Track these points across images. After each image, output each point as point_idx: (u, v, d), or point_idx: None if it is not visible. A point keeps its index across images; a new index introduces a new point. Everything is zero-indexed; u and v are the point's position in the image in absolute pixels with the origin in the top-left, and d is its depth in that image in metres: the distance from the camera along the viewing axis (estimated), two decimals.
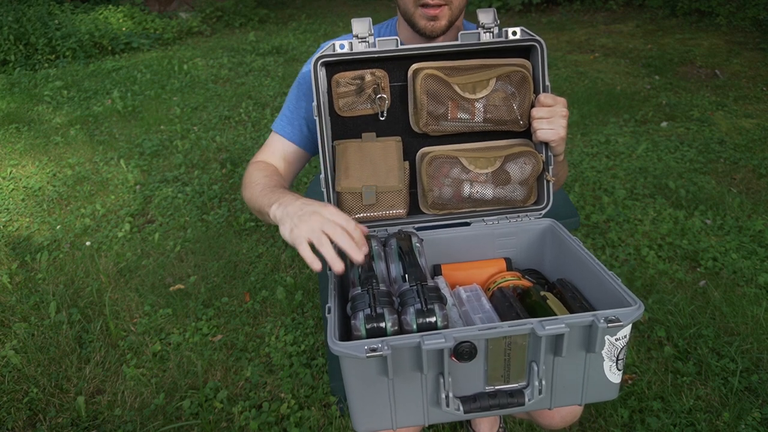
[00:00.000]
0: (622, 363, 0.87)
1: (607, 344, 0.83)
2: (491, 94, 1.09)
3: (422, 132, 1.15)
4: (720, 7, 6.50)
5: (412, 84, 1.10)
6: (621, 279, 2.38)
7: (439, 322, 0.83)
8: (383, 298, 0.86)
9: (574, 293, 1.02)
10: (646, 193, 3.12)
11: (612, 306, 0.91)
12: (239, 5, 8.67)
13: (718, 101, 4.35)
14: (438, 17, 1.15)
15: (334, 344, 0.79)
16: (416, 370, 0.81)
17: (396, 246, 1.06)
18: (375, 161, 1.14)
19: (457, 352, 0.79)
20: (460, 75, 1.09)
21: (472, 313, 1.01)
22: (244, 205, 3.19)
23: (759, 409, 1.79)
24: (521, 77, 1.09)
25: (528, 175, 1.15)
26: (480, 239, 1.20)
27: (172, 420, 1.88)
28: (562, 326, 0.78)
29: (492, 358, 0.83)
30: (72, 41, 6.47)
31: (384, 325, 0.83)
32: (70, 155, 3.97)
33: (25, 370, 2.10)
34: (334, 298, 0.93)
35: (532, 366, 0.84)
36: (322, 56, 1.06)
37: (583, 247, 1.06)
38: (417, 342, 0.77)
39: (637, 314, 0.82)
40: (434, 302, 0.84)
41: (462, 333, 0.79)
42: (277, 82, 5.44)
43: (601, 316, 0.80)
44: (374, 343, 0.77)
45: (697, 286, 2.37)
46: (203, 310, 2.38)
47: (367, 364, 0.80)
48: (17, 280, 2.64)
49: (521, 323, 0.80)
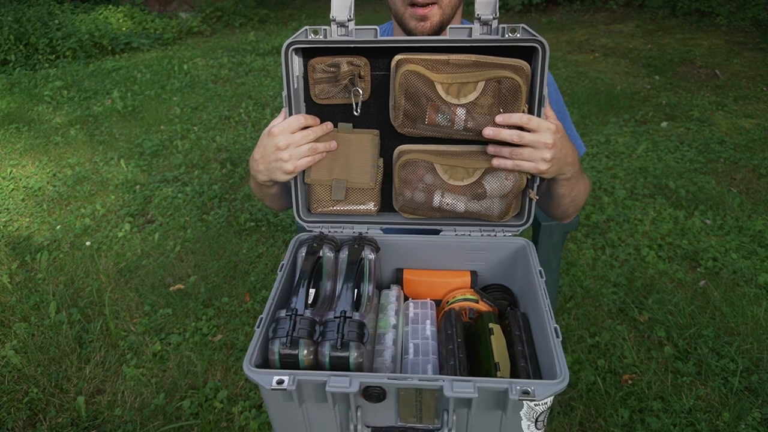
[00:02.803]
0: (543, 423, 0.82)
1: (525, 407, 0.79)
2: (477, 99, 0.96)
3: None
4: (720, 7, 6.50)
5: (393, 77, 0.99)
6: (621, 278, 2.39)
7: (352, 359, 0.83)
8: (303, 328, 0.86)
9: (521, 332, 0.96)
10: (646, 193, 3.12)
11: (547, 362, 0.86)
12: (239, 5, 8.68)
13: (718, 101, 4.35)
14: (427, 17, 1.11)
15: (249, 369, 0.80)
16: (324, 402, 0.82)
17: (346, 258, 1.03)
18: (348, 155, 1.08)
19: (366, 394, 0.79)
20: (447, 72, 0.96)
21: (411, 338, 0.99)
22: (245, 205, 3.19)
23: (759, 409, 1.79)
24: (513, 86, 0.95)
25: (507, 191, 1.04)
26: (448, 249, 1.13)
27: (172, 420, 1.88)
28: (470, 391, 0.75)
29: (403, 401, 0.82)
30: (72, 41, 6.47)
31: (297, 356, 0.84)
32: (70, 155, 3.97)
33: (25, 370, 2.10)
34: (270, 308, 0.92)
35: (444, 414, 0.82)
36: (293, 42, 0.96)
37: (543, 283, 0.98)
38: (323, 381, 0.77)
39: (557, 388, 0.76)
40: (351, 339, 0.85)
41: (370, 379, 0.78)
42: (277, 82, 5.44)
43: (516, 386, 0.76)
44: (283, 375, 0.78)
45: (697, 286, 2.37)
46: (203, 310, 2.38)
47: (277, 393, 0.81)
48: (17, 280, 2.64)
49: (432, 378, 0.78)
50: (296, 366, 0.85)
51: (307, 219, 1.14)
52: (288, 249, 1.08)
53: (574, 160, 1.04)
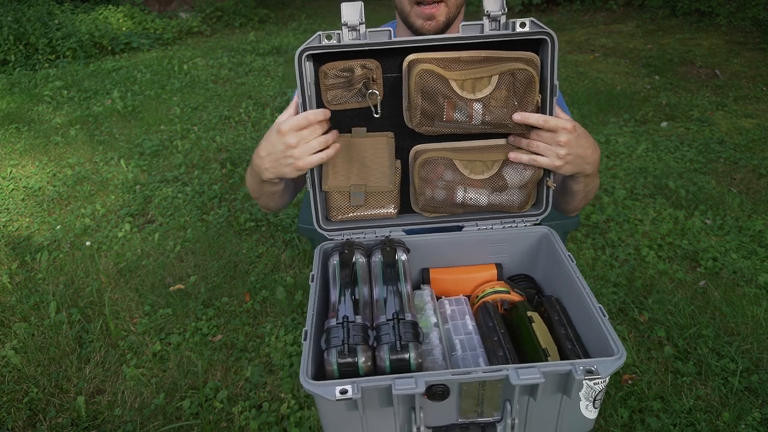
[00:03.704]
0: (599, 402, 0.83)
1: (585, 387, 0.80)
2: (492, 93, 0.98)
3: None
4: (720, 7, 6.50)
5: (407, 78, 1.00)
6: (621, 278, 2.39)
7: (412, 360, 0.83)
8: (357, 334, 0.85)
9: (561, 316, 0.98)
10: (646, 193, 3.12)
11: (596, 343, 0.87)
12: (239, 5, 8.67)
13: (718, 101, 4.35)
14: (434, 16, 1.12)
15: (307, 383, 0.78)
16: (388, 406, 0.81)
17: (380, 262, 1.03)
18: (364, 159, 1.08)
19: (430, 393, 0.79)
20: (460, 69, 0.98)
21: (454, 334, 0.99)
22: (245, 205, 3.19)
23: (759, 409, 1.79)
24: (527, 77, 0.97)
25: (527, 181, 1.06)
26: (471, 244, 1.14)
27: (172, 420, 1.88)
28: (537, 376, 0.76)
29: (465, 396, 0.82)
30: (72, 41, 6.47)
31: (356, 363, 0.83)
32: (70, 155, 3.97)
33: (25, 370, 2.10)
34: (312, 319, 0.90)
35: (506, 404, 0.83)
36: (307, 48, 0.96)
37: (575, 267, 1.00)
38: (388, 385, 0.77)
39: (618, 364, 0.78)
40: (409, 340, 0.84)
41: (434, 377, 0.78)
42: (277, 82, 5.44)
43: (579, 366, 0.77)
44: (345, 384, 0.77)
45: (697, 286, 2.37)
46: (203, 310, 2.38)
47: (340, 403, 0.79)
48: (17, 280, 2.64)
49: (496, 369, 0.78)
50: (355, 373, 0.83)
51: (328, 227, 1.12)
52: (315, 259, 1.06)
53: (595, 159, 1.05)
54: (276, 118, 1.08)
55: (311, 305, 0.94)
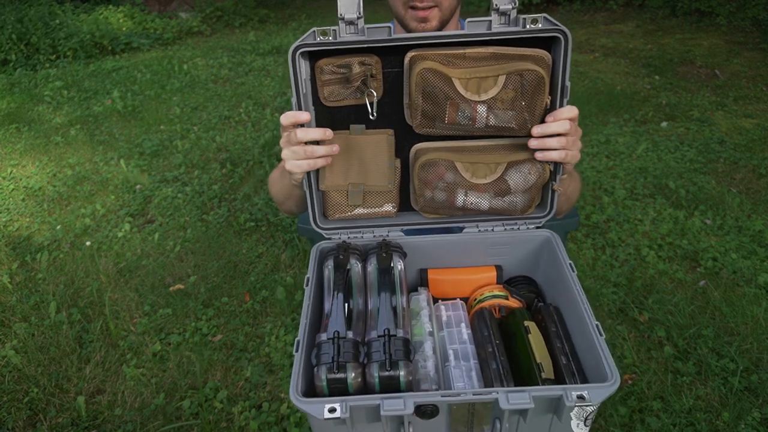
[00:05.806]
0: (591, 420, 0.82)
1: (577, 409, 0.79)
2: (498, 94, 0.92)
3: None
4: (720, 7, 6.50)
5: (408, 75, 0.95)
6: (621, 278, 2.39)
7: (402, 378, 0.82)
8: (348, 351, 0.85)
9: (558, 328, 0.96)
10: (646, 193, 3.12)
11: (591, 360, 0.86)
12: (239, 5, 8.67)
13: (718, 101, 4.35)
14: (428, 19, 1.13)
15: (297, 400, 0.78)
16: (377, 422, 0.80)
17: (375, 270, 1.00)
18: (363, 157, 1.04)
19: (419, 412, 0.78)
20: (464, 66, 0.92)
21: (449, 343, 0.98)
22: (244, 205, 3.19)
23: (759, 409, 1.79)
24: (536, 78, 0.90)
25: (531, 185, 1.01)
26: (471, 246, 1.11)
27: (172, 420, 1.88)
28: (527, 401, 0.75)
29: (455, 415, 0.82)
30: (73, 41, 6.47)
31: (346, 380, 0.83)
32: (70, 155, 3.97)
33: (25, 370, 2.10)
34: (305, 330, 0.88)
35: (496, 422, 0.82)
36: (301, 45, 0.90)
37: (576, 278, 0.97)
38: (377, 404, 0.76)
39: (610, 391, 0.76)
40: (399, 358, 0.83)
41: (423, 399, 0.77)
42: (277, 82, 5.44)
43: (571, 392, 0.76)
44: (334, 402, 0.76)
45: (697, 286, 2.37)
46: (203, 310, 2.38)
47: (329, 421, 0.79)
48: (17, 280, 2.64)
49: (486, 392, 0.77)
50: (345, 390, 0.83)
51: (325, 226, 1.10)
52: (310, 260, 1.04)
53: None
54: (276, 118, 1.07)
55: (304, 313, 0.92)
